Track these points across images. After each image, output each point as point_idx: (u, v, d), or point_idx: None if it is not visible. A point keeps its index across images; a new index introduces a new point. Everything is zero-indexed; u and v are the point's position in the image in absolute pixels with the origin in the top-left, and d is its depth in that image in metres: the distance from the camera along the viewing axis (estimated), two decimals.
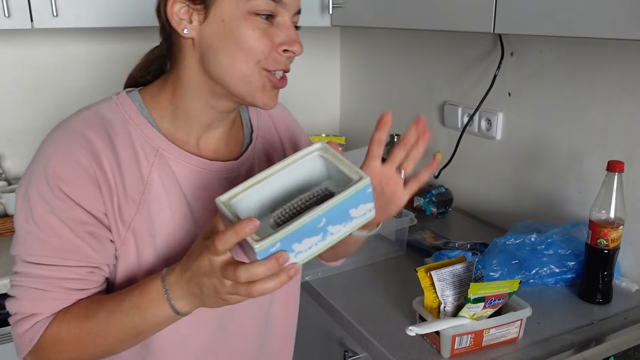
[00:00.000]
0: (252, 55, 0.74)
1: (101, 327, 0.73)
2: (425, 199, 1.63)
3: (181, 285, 0.69)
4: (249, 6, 0.72)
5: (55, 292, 0.74)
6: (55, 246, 0.73)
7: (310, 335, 1.41)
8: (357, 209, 0.67)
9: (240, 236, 0.61)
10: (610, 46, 1.26)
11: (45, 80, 1.83)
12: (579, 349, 1.02)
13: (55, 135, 0.77)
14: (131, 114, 0.79)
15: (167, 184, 0.79)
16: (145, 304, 0.71)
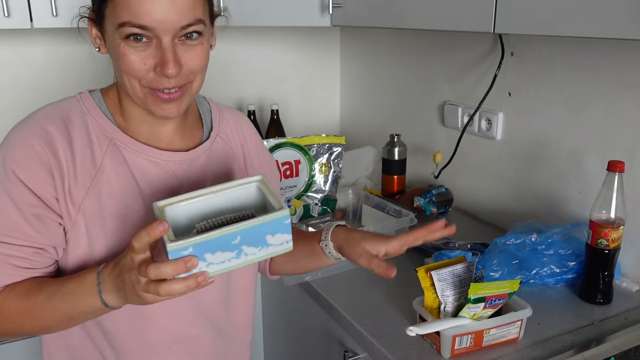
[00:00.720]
0: (132, 77, 0.80)
1: (39, 307, 0.79)
2: (425, 199, 1.63)
3: (112, 279, 0.75)
4: (120, 33, 0.78)
5: (2, 267, 0.80)
6: (4, 223, 0.79)
7: (310, 335, 1.41)
8: (274, 236, 0.72)
9: (151, 236, 0.67)
10: (611, 46, 1.26)
11: (45, 80, 1.83)
12: (580, 349, 1.02)
13: (19, 126, 0.84)
14: (89, 108, 0.87)
15: (119, 170, 0.85)
16: (79, 292, 0.77)
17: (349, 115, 2.31)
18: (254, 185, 0.79)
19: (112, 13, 0.78)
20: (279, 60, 2.17)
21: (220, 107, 1.03)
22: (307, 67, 2.24)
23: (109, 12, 0.78)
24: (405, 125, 1.94)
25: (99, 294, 0.76)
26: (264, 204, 0.79)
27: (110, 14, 0.78)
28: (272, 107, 2.04)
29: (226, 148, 0.98)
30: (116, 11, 0.77)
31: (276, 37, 2.13)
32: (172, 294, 0.68)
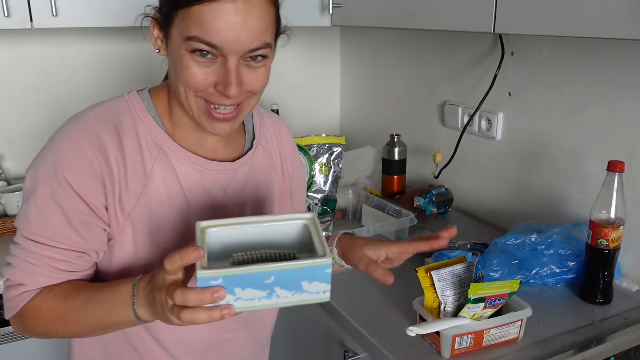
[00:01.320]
0: (189, 88, 0.79)
1: (74, 312, 0.79)
2: (425, 199, 1.63)
3: (145, 294, 0.73)
4: (187, 46, 0.76)
5: (44, 269, 0.80)
6: (49, 228, 0.79)
7: (310, 335, 1.41)
8: (311, 284, 0.68)
9: (184, 260, 0.65)
10: (611, 46, 1.26)
11: (45, 80, 1.83)
12: (580, 349, 1.02)
13: (68, 128, 0.82)
14: (139, 112, 0.85)
15: (168, 179, 0.85)
16: (113, 302, 0.76)
17: (349, 115, 2.31)
18: (301, 223, 0.76)
19: (181, 23, 0.76)
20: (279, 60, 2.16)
21: (261, 111, 1.03)
22: (307, 67, 2.24)
23: (179, 21, 0.76)
24: (405, 125, 1.94)
25: (132, 306, 0.75)
26: (308, 244, 0.74)
27: (179, 23, 0.76)
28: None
29: (267, 157, 0.98)
30: (186, 23, 0.75)
31: None
32: (194, 322, 0.66)
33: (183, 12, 0.75)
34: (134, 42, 1.84)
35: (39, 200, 0.79)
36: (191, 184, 0.86)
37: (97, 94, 1.89)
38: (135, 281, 0.76)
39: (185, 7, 0.74)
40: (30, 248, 0.80)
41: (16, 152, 1.84)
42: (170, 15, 0.77)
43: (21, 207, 0.82)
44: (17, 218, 0.82)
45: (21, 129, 1.83)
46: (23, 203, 0.82)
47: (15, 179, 1.81)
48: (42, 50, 1.80)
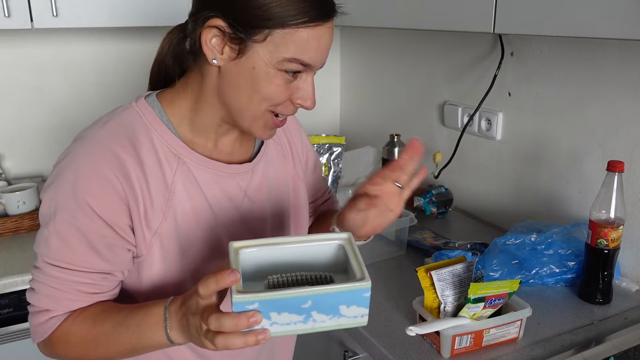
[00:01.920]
0: (268, 102, 0.79)
1: (105, 336, 0.77)
2: (425, 199, 1.63)
3: (178, 318, 0.72)
4: (281, 65, 0.76)
5: (70, 294, 0.78)
6: (72, 254, 0.77)
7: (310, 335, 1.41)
8: (349, 308, 0.66)
9: (219, 285, 0.64)
10: (611, 46, 1.26)
11: (45, 80, 1.83)
12: (579, 349, 1.02)
13: (84, 149, 0.79)
14: (152, 122, 0.82)
15: (190, 190, 0.83)
16: (145, 325, 0.75)
17: (349, 115, 2.31)
18: (336, 244, 0.75)
19: (279, 43, 0.74)
20: None
21: None
22: None
23: (273, 40, 0.74)
24: (405, 125, 1.94)
25: (165, 329, 0.73)
26: (343, 264, 0.73)
27: (274, 43, 0.74)
28: None
29: (277, 147, 0.98)
30: (285, 44, 0.74)
31: None
32: (228, 348, 0.64)
33: (283, 33, 0.74)
34: (134, 42, 1.85)
35: (59, 226, 0.77)
36: (213, 190, 0.85)
37: (97, 94, 1.90)
38: (167, 304, 0.74)
39: (288, 27, 0.74)
40: (54, 273, 0.78)
41: (16, 152, 1.84)
42: (258, 32, 0.74)
43: (40, 232, 0.80)
44: (37, 243, 0.80)
45: (21, 129, 1.83)
46: (42, 228, 0.79)
47: (15, 179, 1.82)
48: (42, 50, 1.81)
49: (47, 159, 1.88)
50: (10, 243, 1.51)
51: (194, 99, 0.83)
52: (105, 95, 1.90)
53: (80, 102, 1.88)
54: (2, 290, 1.33)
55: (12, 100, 1.80)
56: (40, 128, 1.85)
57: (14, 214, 1.57)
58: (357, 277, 0.67)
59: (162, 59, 0.87)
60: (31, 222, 1.58)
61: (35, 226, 1.59)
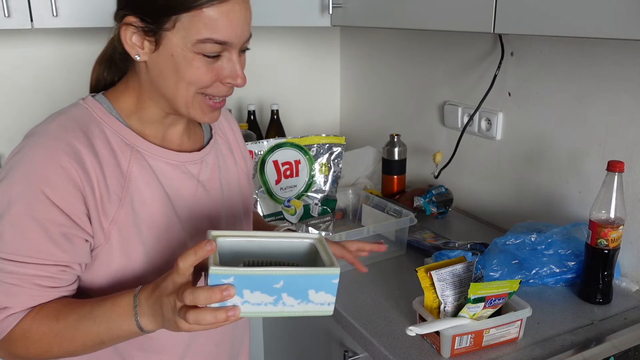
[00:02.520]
0: (195, 85, 0.81)
1: (69, 330, 0.77)
2: (425, 199, 1.63)
3: (149, 303, 0.73)
4: (196, 48, 0.78)
5: (28, 289, 0.77)
6: (29, 245, 0.76)
7: (310, 335, 1.41)
8: (317, 294, 0.69)
9: (197, 255, 0.67)
10: (611, 46, 1.26)
11: (45, 81, 1.83)
12: (579, 349, 1.02)
13: (35, 142, 0.79)
14: (102, 115, 0.85)
15: (146, 177, 0.85)
16: (113, 315, 0.75)
17: (349, 115, 2.31)
18: (309, 242, 0.78)
19: (188, 27, 0.77)
20: (279, 60, 2.17)
21: None
22: (307, 67, 2.24)
23: (183, 25, 0.77)
24: (405, 125, 1.94)
25: (135, 317, 0.74)
26: (313, 261, 0.77)
27: (184, 27, 0.77)
28: (272, 107, 2.04)
29: (225, 143, 1.02)
30: (195, 26, 0.76)
31: (276, 37, 2.13)
32: (199, 323, 0.66)
33: (190, 16, 0.76)
34: None
35: (15, 219, 0.76)
36: (168, 178, 0.88)
37: None
38: (136, 292, 0.75)
39: (193, 9, 0.76)
40: (10, 268, 0.76)
41: None
42: (166, 20, 0.77)
43: None
44: None
45: (21, 129, 1.82)
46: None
47: None
48: (42, 50, 1.81)
49: None
50: None
51: (136, 95, 0.86)
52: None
53: None
54: None
55: (11, 100, 1.80)
56: None
57: None
58: (326, 264, 0.71)
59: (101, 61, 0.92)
60: None
61: None
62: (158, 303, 0.71)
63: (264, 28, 2.08)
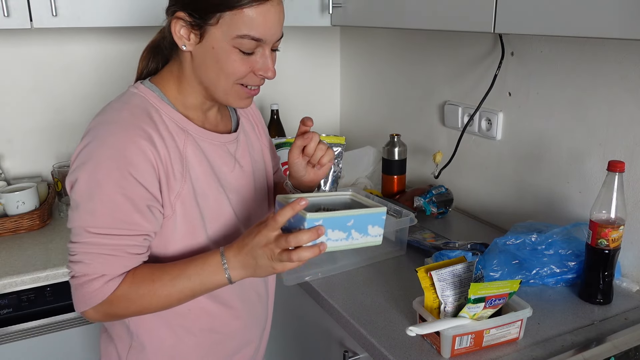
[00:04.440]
0: (232, 77, 0.93)
1: (165, 288, 0.91)
2: (425, 199, 1.63)
3: (240, 259, 0.89)
4: (234, 42, 0.90)
5: (121, 257, 0.89)
6: (121, 219, 0.88)
7: (310, 335, 1.41)
8: (373, 227, 0.88)
9: (295, 209, 0.83)
10: (611, 46, 1.26)
11: (45, 80, 1.83)
12: (580, 349, 1.02)
13: (112, 129, 0.89)
14: (156, 102, 0.95)
15: (198, 157, 0.97)
16: (205, 273, 0.90)
17: (349, 115, 2.31)
18: (348, 196, 0.99)
19: (229, 23, 0.88)
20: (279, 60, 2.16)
21: None
22: (307, 67, 2.24)
23: (225, 22, 0.88)
24: (405, 125, 1.94)
25: (225, 272, 0.90)
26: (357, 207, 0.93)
27: (226, 23, 0.88)
28: (272, 107, 2.04)
29: (248, 122, 1.14)
30: (236, 23, 0.88)
31: None
32: (302, 260, 0.83)
33: (232, 14, 0.88)
34: (134, 41, 1.84)
35: (106, 197, 0.87)
36: (213, 157, 1.00)
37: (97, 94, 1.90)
38: (221, 251, 0.91)
39: (235, 9, 0.87)
40: (104, 241, 0.88)
41: (16, 152, 1.84)
42: (211, 16, 0.88)
43: (79, 208, 0.88)
44: (76, 218, 0.88)
45: (21, 129, 1.83)
46: (82, 204, 0.88)
47: (15, 179, 1.82)
48: (42, 50, 1.81)
49: (46, 159, 1.88)
50: (10, 243, 1.51)
51: (179, 82, 0.97)
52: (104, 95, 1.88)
53: (79, 102, 1.88)
54: (2, 291, 1.33)
55: (11, 100, 1.80)
56: (39, 128, 1.85)
57: (13, 214, 1.57)
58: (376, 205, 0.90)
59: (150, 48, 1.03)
60: (30, 222, 1.58)
61: (35, 226, 1.59)
62: (251, 256, 0.87)
63: None
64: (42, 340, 1.42)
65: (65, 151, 1.88)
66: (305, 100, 2.26)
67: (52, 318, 1.42)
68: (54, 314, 1.42)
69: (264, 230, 0.86)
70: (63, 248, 1.48)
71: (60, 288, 1.40)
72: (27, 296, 1.37)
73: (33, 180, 1.76)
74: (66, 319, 1.44)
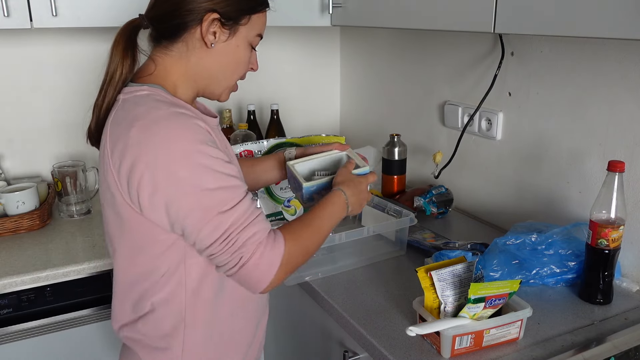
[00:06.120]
0: (242, 71, 1.05)
1: (318, 230, 1.02)
2: (425, 199, 1.63)
3: (354, 199, 1.09)
4: (252, 40, 1.03)
5: (260, 213, 0.94)
6: (233, 186, 0.92)
7: (310, 335, 1.41)
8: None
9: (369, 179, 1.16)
10: (611, 46, 1.26)
11: (44, 80, 1.83)
12: (580, 349, 1.02)
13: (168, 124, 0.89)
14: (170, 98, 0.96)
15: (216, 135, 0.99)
16: (336, 212, 1.06)
17: (349, 115, 2.31)
18: (344, 154, 1.24)
19: (254, 23, 1.01)
20: (279, 60, 2.17)
21: None
22: (307, 67, 2.24)
23: (252, 22, 1.00)
24: (405, 125, 1.94)
25: (347, 209, 1.08)
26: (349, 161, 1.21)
27: (252, 23, 1.00)
28: (272, 107, 2.04)
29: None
30: (258, 24, 1.02)
31: (276, 37, 2.13)
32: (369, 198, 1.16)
33: (255, 17, 1.00)
34: None
35: (205, 182, 0.88)
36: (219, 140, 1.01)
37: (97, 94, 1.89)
38: (342, 191, 1.08)
39: (260, 12, 1.01)
40: (238, 211, 0.90)
41: (16, 152, 1.84)
42: (242, 17, 0.98)
43: (188, 204, 0.88)
44: (199, 218, 0.88)
45: (21, 129, 1.83)
46: (187, 199, 0.88)
47: (15, 179, 1.81)
48: (42, 50, 1.81)
49: (46, 159, 1.88)
50: (10, 243, 1.51)
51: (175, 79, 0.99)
52: None
53: (79, 102, 1.87)
54: (2, 291, 1.33)
55: (11, 100, 1.80)
56: (39, 128, 1.85)
57: (13, 214, 1.57)
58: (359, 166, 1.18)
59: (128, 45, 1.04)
60: (30, 222, 1.58)
61: (35, 226, 1.59)
62: (358, 197, 1.10)
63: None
64: (42, 340, 1.42)
65: (65, 151, 1.88)
66: (305, 100, 2.26)
67: (52, 318, 1.42)
68: (54, 314, 1.42)
69: (365, 181, 1.13)
70: (63, 248, 1.48)
71: (60, 288, 1.40)
72: (27, 296, 1.37)
73: (33, 180, 1.76)
74: (66, 319, 1.44)
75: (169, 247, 0.95)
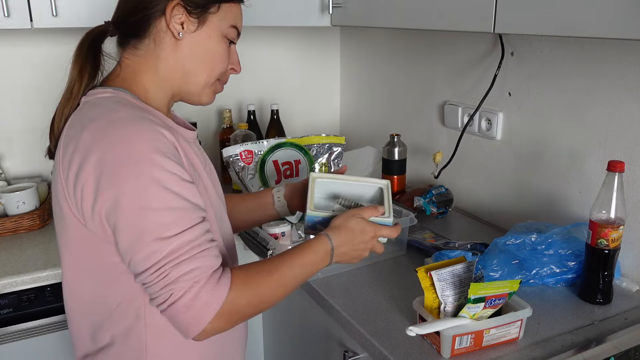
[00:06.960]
0: (219, 68, 0.95)
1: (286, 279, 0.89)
2: (425, 199, 1.63)
3: (343, 246, 0.95)
4: (226, 32, 0.94)
5: (209, 247, 0.82)
6: (182, 208, 0.80)
7: (310, 335, 1.41)
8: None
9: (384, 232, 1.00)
10: (611, 46, 1.26)
11: (45, 80, 1.83)
12: (580, 349, 1.02)
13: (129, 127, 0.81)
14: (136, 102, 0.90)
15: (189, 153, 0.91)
16: (316, 261, 0.93)
17: (349, 115, 2.31)
18: (378, 186, 1.09)
19: (226, 12, 0.93)
20: (279, 60, 2.17)
21: None
22: (307, 67, 2.24)
23: (223, 10, 0.92)
24: (405, 125, 1.94)
25: (331, 259, 0.94)
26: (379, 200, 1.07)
27: (224, 12, 0.92)
28: (272, 107, 2.04)
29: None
30: (231, 13, 0.94)
31: (276, 37, 2.13)
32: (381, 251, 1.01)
33: (228, 5, 0.93)
34: None
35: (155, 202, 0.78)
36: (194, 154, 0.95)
37: None
38: (329, 238, 0.94)
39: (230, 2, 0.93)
40: (183, 240, 0.79)
41: (16, 152, 1.84)
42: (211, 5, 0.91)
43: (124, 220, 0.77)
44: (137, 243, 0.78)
45: (21, 129, 1.83)
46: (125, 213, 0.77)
47: (15, 179, 1.81)
48: (42, 50, 1.80)
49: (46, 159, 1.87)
50: (10, 243, 1.51)
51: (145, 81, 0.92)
52: None
53: None
54: (2, 291, 1.33)
55: (11, 100, 1.80)
56: (40, 128, 1.84)
57: (13, 214, 1.57)
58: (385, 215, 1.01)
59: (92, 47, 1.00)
60: (30, 222, 1.58)
61: (35, 226, 1.59)
62: (350, 244, 0.95)
63: (264, 28, 2.08)
64: (42, 340, 1.42)
65: None
66: (305, 100, 2.26)
67: (52, 318, 1.42)
68: (54, 314, 1.42)
69: (361, 223, 0.95)
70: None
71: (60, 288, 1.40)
72: (27, 296, 1.37)
73: (33, 180, 1.76)
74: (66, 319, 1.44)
75: (122, 273, 0.84)
